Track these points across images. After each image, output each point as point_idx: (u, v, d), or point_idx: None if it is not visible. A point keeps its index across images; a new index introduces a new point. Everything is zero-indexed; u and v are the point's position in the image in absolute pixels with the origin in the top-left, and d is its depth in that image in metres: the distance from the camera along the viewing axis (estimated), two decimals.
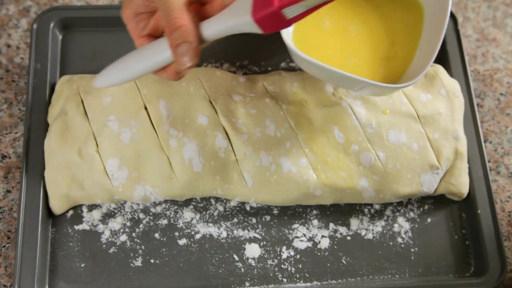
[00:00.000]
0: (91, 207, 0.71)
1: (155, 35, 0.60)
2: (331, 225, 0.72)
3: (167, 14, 0.55)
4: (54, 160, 0.69)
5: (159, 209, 0.71)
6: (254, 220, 0.71)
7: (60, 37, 0.78)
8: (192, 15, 0.56)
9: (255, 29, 0.54)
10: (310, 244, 0.71)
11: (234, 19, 0.55)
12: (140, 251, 0.69)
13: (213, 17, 0.56)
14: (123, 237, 0.69)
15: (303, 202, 0.71)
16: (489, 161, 0.78)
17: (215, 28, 0.56)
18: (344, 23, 0.68)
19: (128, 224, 0.70)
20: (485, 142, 0.78)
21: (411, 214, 0.73)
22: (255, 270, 0.69)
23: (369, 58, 0.67)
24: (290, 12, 0.52)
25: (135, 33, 0.60)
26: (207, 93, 0.71)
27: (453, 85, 0.75)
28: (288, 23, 0.53)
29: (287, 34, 0.64)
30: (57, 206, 0.69)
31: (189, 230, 0.70)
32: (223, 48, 0.79)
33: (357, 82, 0.61)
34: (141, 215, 0.71)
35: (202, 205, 0.72)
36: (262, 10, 0.52)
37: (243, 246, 0.70)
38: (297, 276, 0.69)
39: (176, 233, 0.70)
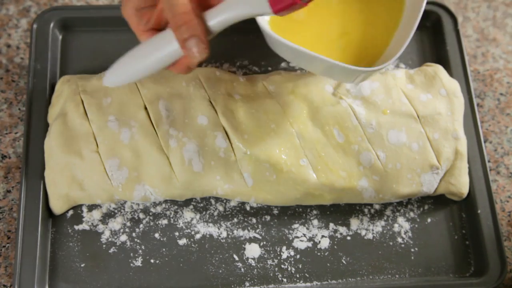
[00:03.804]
0: (91, 207, 0.71)
1: (158, 28, 0.59)
2: (331, 225, 0.72)
3: (171, 10, 0.54)
4: (54, 160, 0.69)
5: (159, 209, 0.71)
6: (254, 220, 0.71)
7: (60, 37, 0.78)
8: (195, 5, 0.55)
9: (266, 12, 0.53)
10: (310, 244, 0.71)
11: (247, 9, 0.54)
12: (140, 251, 0.69)
13: (219, 6, 0.55)
14: (123, 237, 0.69)
15: (303, 202, 0.71)
16: (489, 161, 0.78)
17: (224, 17, 0.55)
18: (318, 12, 0.67)
19: (128, 224, 0.70)
20: (485, 142, 0.78)
21: (411, 214, 0.73)
22: (255, 270, 0.69)
23: (344, 41, 0.66)
24: None
25: (139, 28, 0.59)
26: (207, 93, 0.71)
27: (453, 85, 0.75)
28: (306, 4, 0.53)
29: (262, 19, 0.63)
30: (57, 206, 0.69)
31: (189, 230, 0.70)
32: (223, 48, 0.79)
33: (324, 63, 0.59)
34: (141, 215, 0.71)
35: (202, 205, 0.72)
36: (282, 1, 0.52)
37: (243, 246, 0.70)
38: (297, 276, 0.69)
39: (176, 233, 0.70)
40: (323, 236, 0.71)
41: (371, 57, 0.66)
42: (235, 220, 0.71)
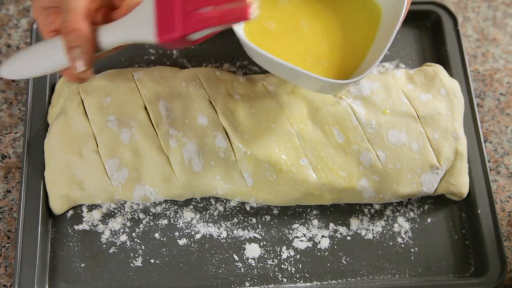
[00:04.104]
0: (91, 207, 0.71)
1: None
2: (331, 225, 0.72)
3: (64, 15, 0.54)
4: (54, 160, 0.69)
5: (159, 209, 0.71)
6: (254, 220, 0.71)
7: None
8: (93, 19, 0.54)
9: (152, 41, 0.54)
10: (310, 244, 0.71)
11: (135, 34, 0.55)
12: (140, 251, 0.69)
13: (111, 24, 0.56)
14: (123, 237, 0.69)
15: (303, 202, 0.71)
16: (489, 161, 0.78)
17: (113, 36, 0.55)
18: (294, 20, 0.66)
19: (128, 224, 0.70)
20: (485, 142, 0.78)
21: (411, 214, 0.73)
22: (255, 270, 0.69)
23: (322, 55, 0.65)
24: (193, 35, 0.53)
25: (44, 27, 0.59)
26: (207, 93, 0.71)
27: (453, 85, 0.75)
28: (193, 43, 0.55)
29: (239, 27, 0.62)
30: (57, 206, 0.69)
31: (189, 230, 0.70)
32: (223, 48, 0.79)
33: (302, 76, 0.60)
34: (141, 215, 0.71)
35: (202, 205, 0.72)
36: (167, 34, 0.53)
37: (243, 246, 0.70)
38: (297, 276, 0.69)
39: (176, 233, 0.70)
40: (323, 236, 0.71)
41: (349, 70, 0.65)
42: (235, 220, 0.71)
